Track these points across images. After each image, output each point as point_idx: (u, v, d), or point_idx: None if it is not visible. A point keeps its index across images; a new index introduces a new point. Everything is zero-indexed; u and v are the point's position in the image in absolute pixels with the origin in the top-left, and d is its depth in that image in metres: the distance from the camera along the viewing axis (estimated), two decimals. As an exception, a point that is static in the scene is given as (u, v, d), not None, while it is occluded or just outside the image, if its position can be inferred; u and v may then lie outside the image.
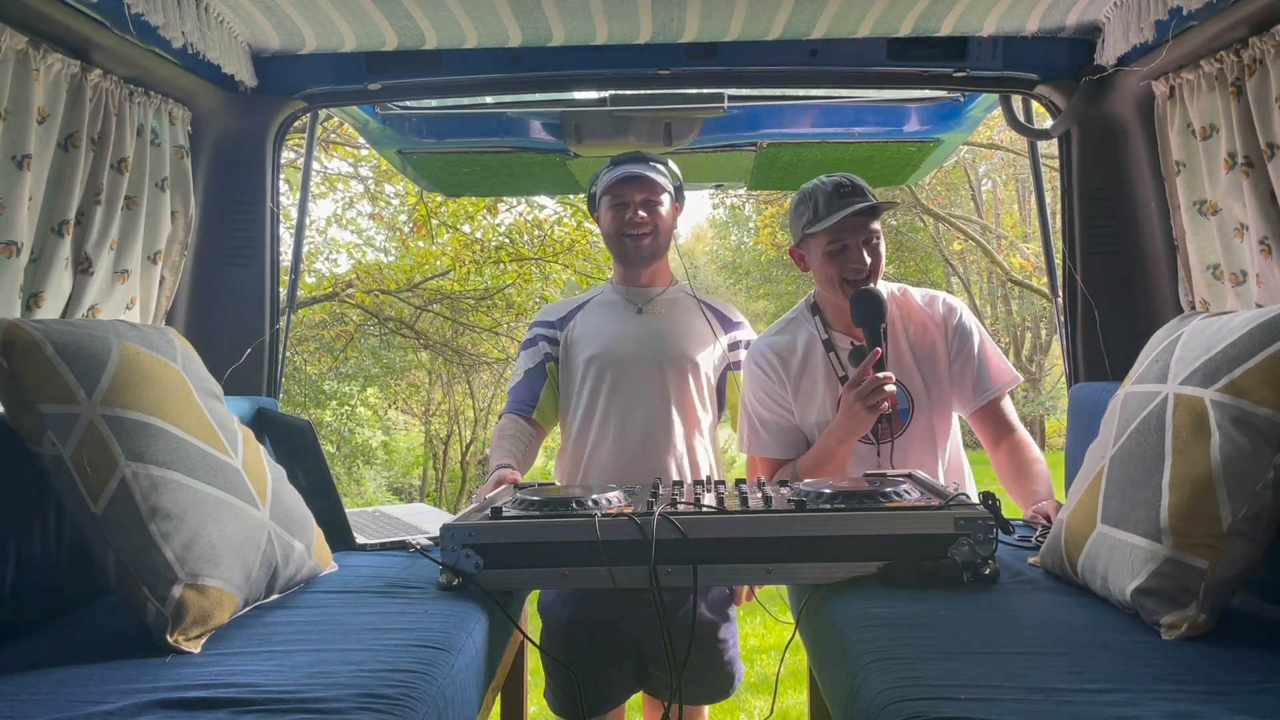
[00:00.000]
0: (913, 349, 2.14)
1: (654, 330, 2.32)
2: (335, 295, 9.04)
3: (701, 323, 2.37)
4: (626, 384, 2.26)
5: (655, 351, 2.29)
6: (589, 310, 2.40)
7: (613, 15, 2.07)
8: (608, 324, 2.34)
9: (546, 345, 2.37)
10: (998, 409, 2.13)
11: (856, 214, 2.02)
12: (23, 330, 1.37)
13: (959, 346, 2.13)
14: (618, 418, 2.26)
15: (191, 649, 1.31)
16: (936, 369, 2.14)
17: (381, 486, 13.42)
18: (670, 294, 2.42)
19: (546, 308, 2.49)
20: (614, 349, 2.29)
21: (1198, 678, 1.12)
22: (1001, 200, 15.89)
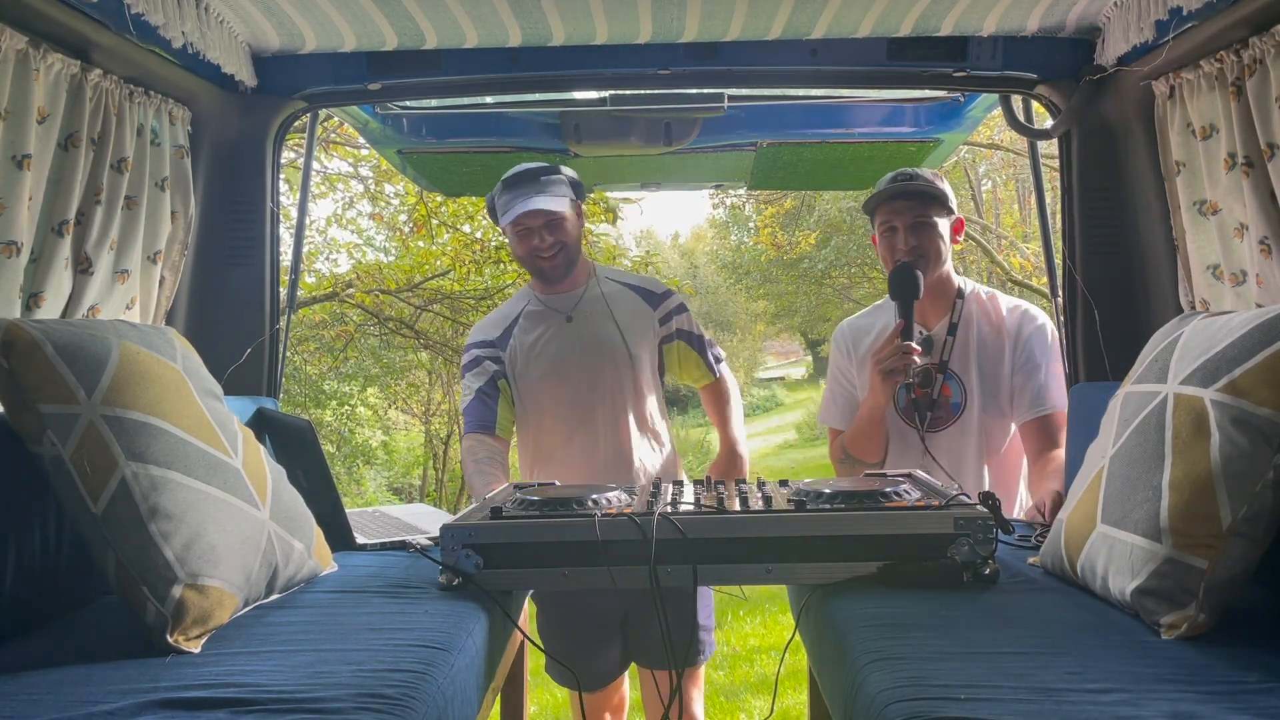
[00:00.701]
0: (979, 349, 2.25)
1: (590, 335, 2.36)
2: (335, 295, 9.03)
3: (630, 308, 2.41)
4: (577, 397, 2.34)
5: (595, 358, 2.35)
6: (523, 326, 2.42)
7: (613, 15, 2.07)
8: (546, 339, 2.38)
9: (492, 364, 2.40)
10: (1048, 424, 2.19)
11: (905, 198, 2.21)
12: (23, 330, 1.37)
13: (1025, 358, 2.23)
14: (578, 426, 2.34)
15: (191, 649, 1.31)
16: (997, 374, 2.24)
17: (381, 486, 13.42)
18: (594, 289, 2.43)
19: (478, 327, 2.51)
20: (559, 364, 2.35)
21: (1198, 678, 1.12)
22: (1001, 200, 15.89)
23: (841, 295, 16.87)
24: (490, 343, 2.43)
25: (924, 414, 2.24)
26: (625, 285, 2.46)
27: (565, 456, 2.35)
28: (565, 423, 2.35)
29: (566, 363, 2.35)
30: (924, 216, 2.21)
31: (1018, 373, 2.22)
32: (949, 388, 2.24)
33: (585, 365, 2.34)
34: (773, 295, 19.55)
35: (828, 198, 14.53)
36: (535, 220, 2.31)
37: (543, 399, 2.36)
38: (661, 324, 2.42)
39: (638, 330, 2.38)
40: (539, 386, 2.36)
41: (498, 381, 2.40)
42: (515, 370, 2.39)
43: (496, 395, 2.39)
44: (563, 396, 2.35)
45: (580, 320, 2.38)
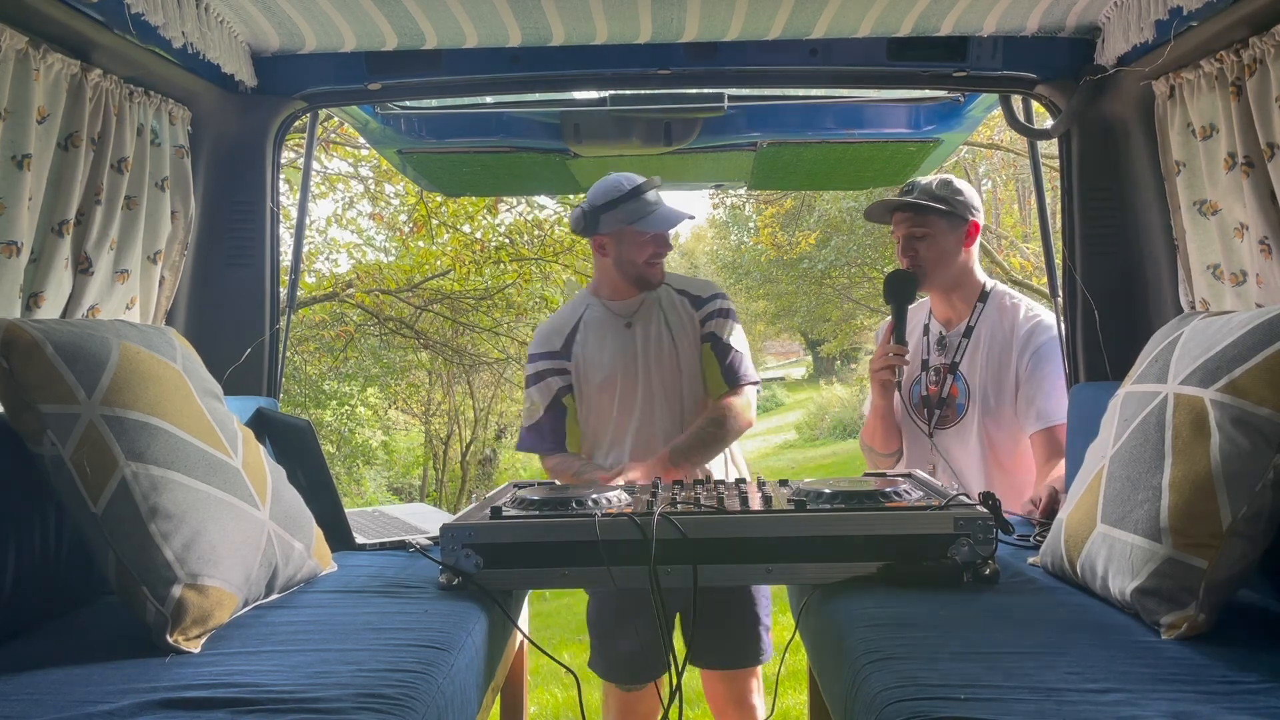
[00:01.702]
0: (988, 352, 2.30)
1: (647, 341, 2.41)
2: (335, 295, 9.03)
3: (680, 313, 2.45)
4: (636, 403, 2.39)
5: (652, 364, 2.39)
6: (584, 333, 2.46)
7: (613, 15, 2.07)
8: (606, 345, 2.43)
9: (557, 379, 2.45)
10: (1054, 436, 2.21)
11: (900, 210, 2.31)
12: (23, 330, 1.37)
13: (1033, 369, 2.26)
14: (634, 431, 2.38)
15: (191, 649, 1.31)
16: (1002, 379, 2.28)
17: (381, 486, 13.42)
18: (651, 296, 2.47)
19: (541, 335, 2.53)
20: (616, 372, 2.40)
21: (1198, 678, 1.12)
22: (1001, 200, 15.89)
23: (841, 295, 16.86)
24: (554, 354, 2.47)
25: (932, 412, 2.30)
26: (677, 290, 2.49)
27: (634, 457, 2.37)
28: (625, 426, 2.39)
29: (626, 369, 2.39)
30: (919, 227, 2.28)
31: (1025, 383, 2.25)
32: (956, 388, 2.29)
33: (644, 370, 2.39)
34: (773, 295, 19.54)
35: (828, 198, 14.52)
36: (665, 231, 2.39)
37: (603, 404, 2.41)
38: (702, 324, 2.45)
39: (686, 335, 2.43)
40: (600, 391, 2.41)
41: (562, 399, 2.45)
42: (579, 377, 2.44)
43: (563, 415, 2.45)
44: (622, 401, 2.40)
45: (639, 326, 2.43)
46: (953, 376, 2.30)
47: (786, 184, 3.47)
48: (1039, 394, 2.23)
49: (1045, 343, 2.28)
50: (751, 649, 2.38)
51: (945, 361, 2.32)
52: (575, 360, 2.45)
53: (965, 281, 2.35)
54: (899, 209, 2.31)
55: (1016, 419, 2.27)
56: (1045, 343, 2.28)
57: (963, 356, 2.31)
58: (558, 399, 2.45)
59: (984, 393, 2.27)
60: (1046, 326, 2.30)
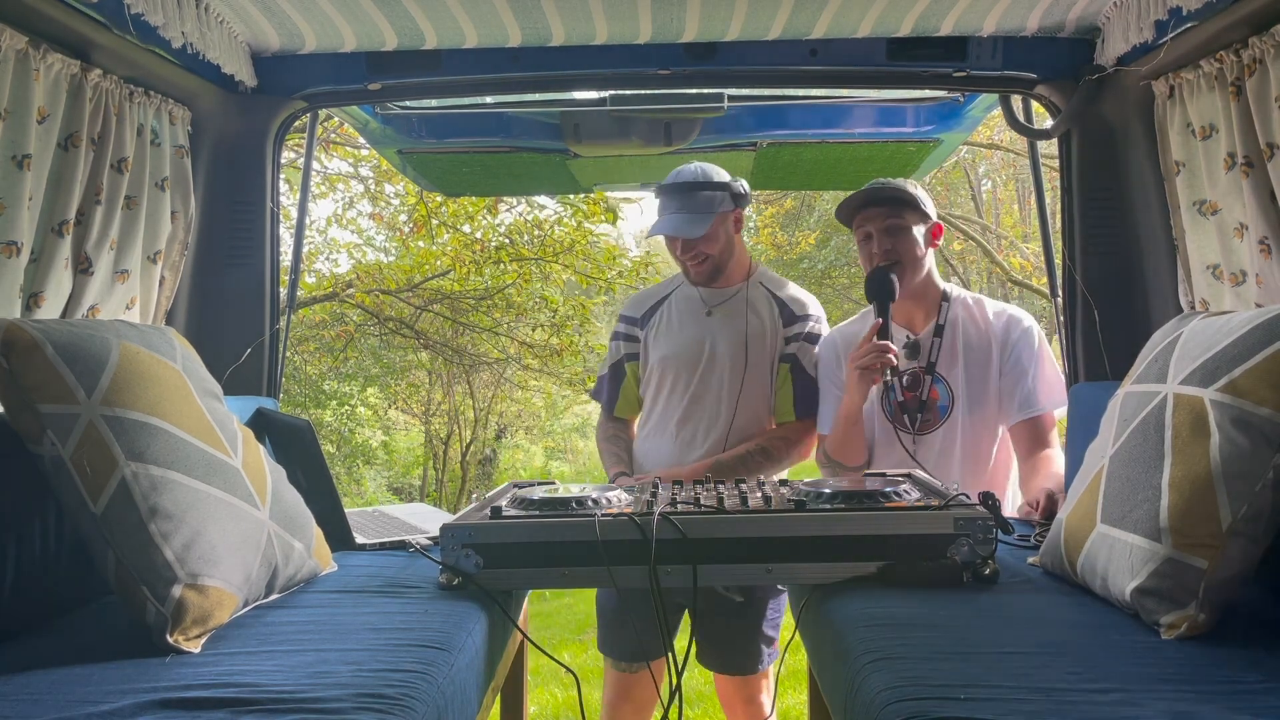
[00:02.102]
0: (965, 353, 2.24)
1: (720, 333, 2.41)
2: (335, 295, 9.03)
3: (766, 318, 2.43)
4: (689, 387, 2.40)
5: (720, 355, 2.39)
6: (668, 308, 2.51)
7: (613, 15, 2.07)
8: (680, 326, 2.46)
9: (625, 345, 2.54)
10: (1037, 426, 2.19)
11: (875, 204, 2.23)
12: (23, 330, 1.37)
13: (1013, 362, 2.21)
14: (679, 419, 2.40)
15: (191, 649, 1.31)
16: (984, 377, 2.23)
17: (381, 486, 13.42)
18: (744, 291, 2.45)
19: (634, 299, 2.63)
20: (681, 353, 2.42)
21: (1198, 678, 1.12)
22: (1001, 200, 15.88)
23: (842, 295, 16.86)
24: (634, 320, 2.54)
25: (914, 417, 2.24)
26: (774, 296, 2.46)
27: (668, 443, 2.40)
28: (671, 412, 2.41)
29: (690, 356, 2.40)
30: (897, 220, 2.22)
31: (1005, 376, 2.21)
32: (936, 390, 2.24)
33: (707, 363, 2.39)
34: (772, 295, 19.50)
35: (828, 198, 14.51)
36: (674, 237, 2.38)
37: (663, 382, 2.43)
38: (786, 342, 2.42)
39: (764, 340, 2.40)
40: (659, 369, 2.44)
41: (624, 364, 2.53)
42: (645, 349, 2.49)
43: (620, 379, 2.53)
44: (676, 386, 2.41)
45: (719, 316, 2.43)
46: (930, 378, 2.24)
47: (786, 184, 3.47)
48: (1019, 384, 2.19)
49: (1022, 334, 2.23)
50: (750, 659, 2.37)
51: (920, 364, 2.25)
52: (649, 330, 2.49)
53: (929, 283, 2.29)
54: (873, 203, 2.24)
55: (998, 414, 2.23)
56: (1022, 334, 2.23)
57: (939, 356, 2.25)
58: (620, 363, 2.54)
59: (967, 392, 2.22)
60: (1019, 319, 2.26)
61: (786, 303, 2.46)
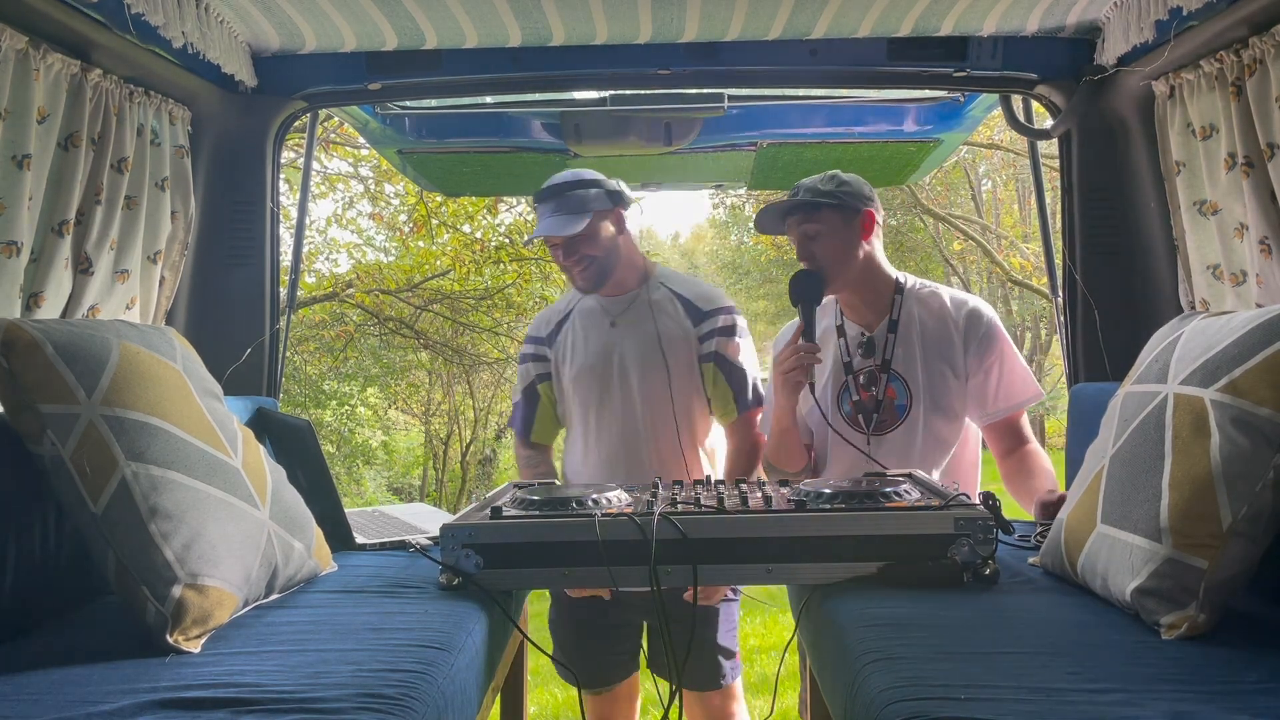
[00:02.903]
0: (924, 348, 2.14)
1: (627, 342, 2.32)
2: (335, 295, 9.04)
3: (672, 321, 2.34)
4: (605, 401, 2.32)
5: (629, 365, 2.30)
6: (572, 323, 2.40)
7: (613, 15, 2.07)
8: (586, 340, 2.36)
9: (534, 366, 2.43)
10: (1012, 422, 2.15)
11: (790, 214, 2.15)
12: (23, 330, 1.37)
13: (980, 359, 2.12)
14: (599, 436, 2.33)
15: (191, 649, 1.31)
16: (945, 375, 2.13)
17: (381, 486, 13.42)
18: (644, 295, 2.36)
19: (538, 318, 2.52)
20: (591, 367, 2.33)
21: (1198, 678, 1.12)
22: (1001, 200, 15.89)
23: (841, 295, 16.84)
24: (540, 339, 2.45)
25: (869, 417, 2.15)
26: (676, 294, 2.38)
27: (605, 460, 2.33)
28: (605, 426, 2.33)
29: (602, 368, 2.32)
30: (811, 224, 2.12)
31: (974, 375, 2.12)
32: (893, 389, 2.14)
33: (620, 374, 2.31)
34: (773, 295, 19.52)
35: (828, 198, 14.50)
36: (553, 240, 2.29)
37: (579, 400, 2.35)
38: (701, 341, 2.33)
39: (676, 342, 2.32)
40: (573, 386, 2.36)
41: (537, 386, 2.43)
42: (557, 367, 2.41)
43: (535, 402, 2.43)
44: (595, 401, 2.33)
45: (624, 326, 2.34)
46: (886, 376, 2.15)
47: (786, 184, 3.46)
48: (987, 383, 2.12)
49: (987, 330, 2.13)
50: (708, 673, 2.32)
51: (875, 362, 2.16)
52: (557, 350, 2.40)
53: (873, 276, 2.18)
54: (788, 212, 2.15)
55: (965, 411, 2.14)
56: (987, 330, 2.13)
57: (894, 353, 2.15)
58: (533, 385, 2.43)
59: (927, 389, 2.13)
60: (980, 312, 2.15)
61: (693, 301, 2.37)
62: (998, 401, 2.12)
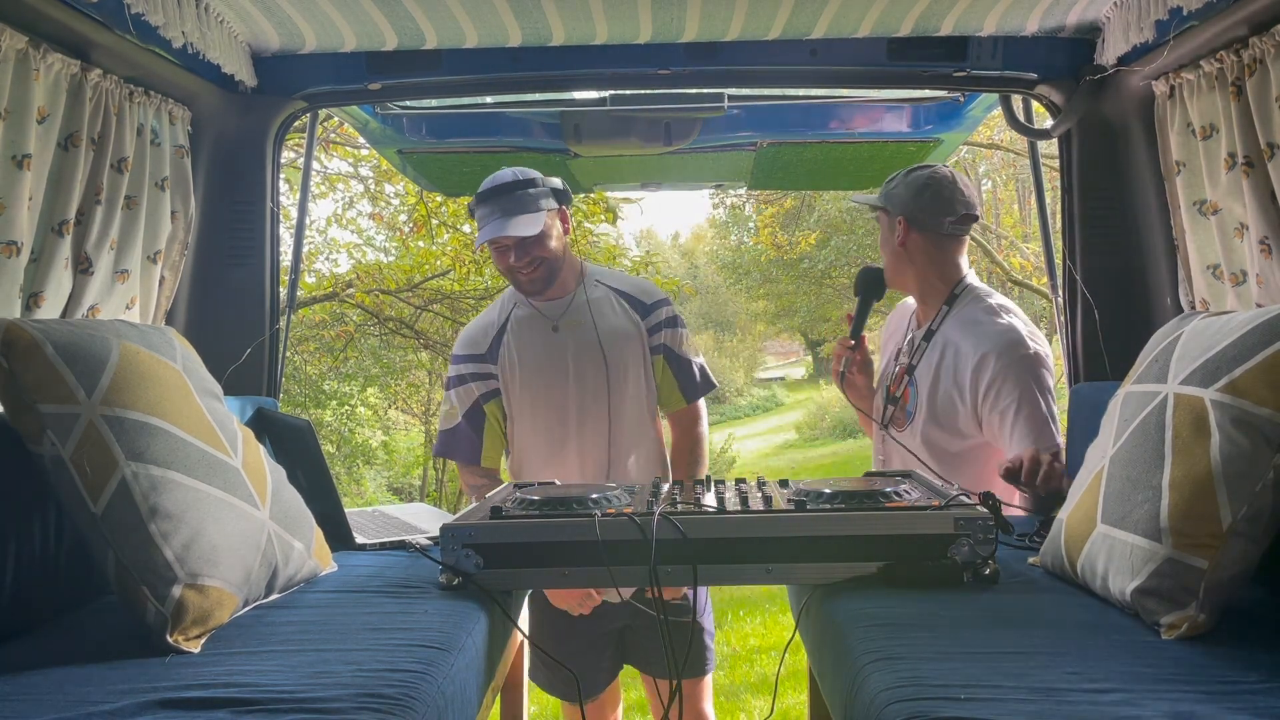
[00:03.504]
0: (940, 364, 2.13)
1: (575, 346, 2.29)
2: (335, 295, 9.03)
3: (618, 318, 2.33)
4: (565, 408, 2.29)
5: (583, 370, 2.28)
6: (511, 335, 2.33)
7: (613, 15, 2.07)
8: (531, 349, 2.31)
9: (477, 385, 2.33)
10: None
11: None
12: (23, 330, 1.37)
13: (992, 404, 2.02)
14: (558, 446, 2.30)
15: (191, 649, 1.31)
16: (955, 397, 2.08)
17: (381, 486, 13.42)
18: (581, 297, 2.33)
19: (465, 337, 2.41)
20: (543, 377, 2.29)
21: (1198, 678, 1.12)
22: (1001, 200, 15.89)
23: (842, 295, 16.87)
24: (478, 357, 2.34)
25: (884, 411, 2.25)
26: (615, 290, 2.37)
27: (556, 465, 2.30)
28: (554, 432, 2.30)
29: (553, 374, 2.29)
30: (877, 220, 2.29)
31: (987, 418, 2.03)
32: (909, 392, 2.20)
33: (571, 376, 2.28)
34: (773, 295, 19.56)
35: (828, 198, 14.52)
36: (506, 241, 2.20)
37: (530, 409, 2.31)
38: (650, 334, 2.34)
39: (622, 339, 2.30)
40: (526, 397, 2.30)
41: (483, 406, 2.33)
42: (506, 384, 2.33)
43: (481, 422, 2.33)
44: (550, 406, 2.29)
45: (566, 329, 2.30)
46: (909, 379, 2.19)
47: (786, 184, 3.47)
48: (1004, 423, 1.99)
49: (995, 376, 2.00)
50: (698, 658, 2.34)
51: (906, 363, 2.21)
52: (501, 365, 2.32)
53: (925, 281, 2.18)
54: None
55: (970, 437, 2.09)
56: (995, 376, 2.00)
57: (920, 360, 2.17)
58: (478, 405, 2.33)
59: (930, 404, 2.12)
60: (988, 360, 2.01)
61: (635, 295, 2.36)
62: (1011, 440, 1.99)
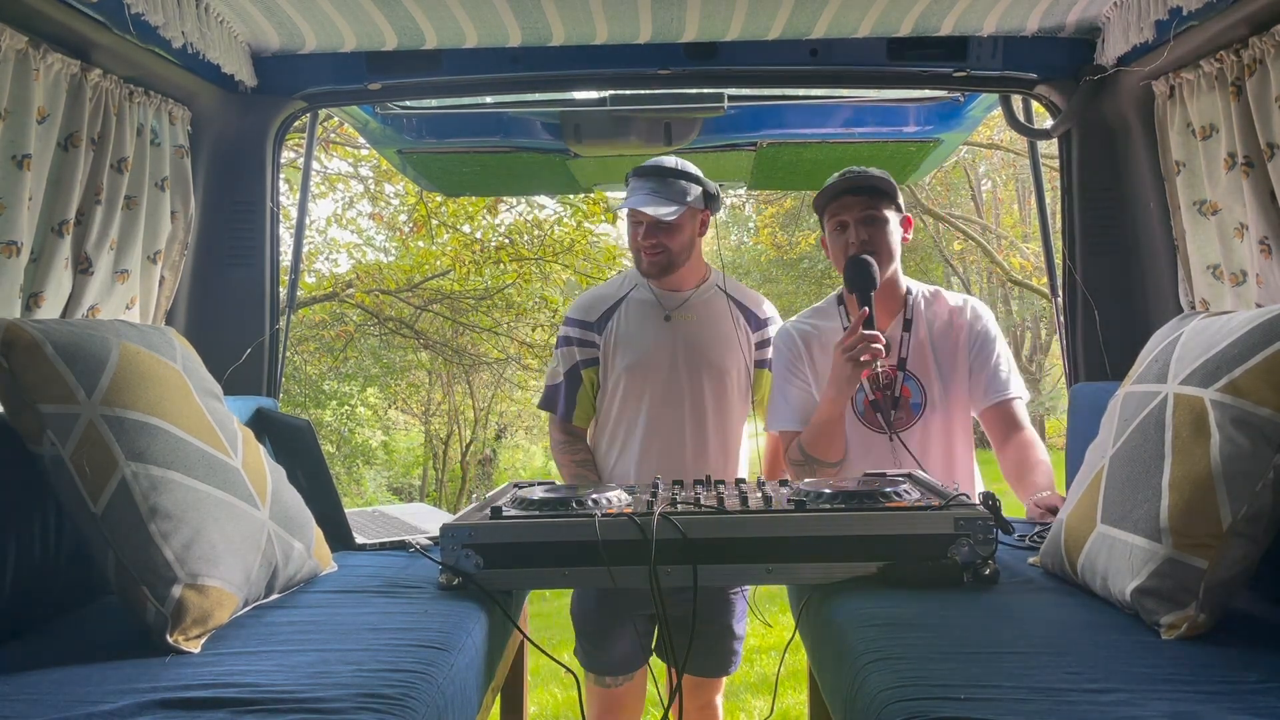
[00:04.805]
0: (934, 348, 2.21)
1: (683, 339, 2.36)
2: (335, 295, 9.04)
3: (730, 325, 2.40)
4: (657, 394, 2.35)
5: (684, 362, 2.35)
6: (624, 312, 2.42)
7: (613, 15, 2.07)
8: (641, 331, 2.38)
9: (580, 350, 2.42)
10: (1009, 409, 2.17)
11: (853, 193, 2.16)
12: (23, 330, 1.37)
13: (979, 349, 2.20)
14: (646, 426, 2.35)
15: (191, 649, 1.31)
16: (954, 370, 2.20)
17: (381, 486, 13.43)
18: (700, 295, 2.42)
19: (579, 304, 2.50)
20: (646, 359, 2.36)
21: (1198, 678, 1.12)
22: (1001, 200, 15.89)
23: (841, 295, 16.85)
24: (587, 325, 2.42)
25: (887, 416, 2.17)
26: (733, 299, 2.44)
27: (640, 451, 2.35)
28: (645, 417, 2.35)
29: (655, 361, 2.35)
30: (874, 210, 2.15)
31: (974, 362, 2.19)
32: (908, 388, 2.19)
33: (672, 366, 2.34)
34: (773, 295, 19.51)
35: (828, 198, 14.49)
36: (643, 216, 2.31)
37: (624, 388, 2.37)
38: (759, 348, 2.41)
39: (730, 345, 2.37)
40: (625, 377, 2.37)
41: (581, 370, 2.41)
42: (607, 355, 2.40)
43: (578, 386, 2.41)
44: (646, 392, 2.35)
45: (678, 321, 2.38)
46: (902, 376, 2.19)
47: (786, 184, 3.47)
48: (986, 370, 2.18)
49: (985, 325, 2.22)
50: (723, 659, 2.37)
51: (890, 363, 2.18)
52: (607, 337, 2.40)
53: (896, 278, 2.24)
54: (851, 192, 2.16)
55: (969, 405, 2.21)
56: (985, 325, 2.22)
57: (909, 353, 2.20)
58: (576, 368, 2.41)
59: (941, 387, 2.18)
60: (978, 308, 2.26)
61: (751, 309, 2.44)
62: (996, 387, 2.16)
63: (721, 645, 2.36)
